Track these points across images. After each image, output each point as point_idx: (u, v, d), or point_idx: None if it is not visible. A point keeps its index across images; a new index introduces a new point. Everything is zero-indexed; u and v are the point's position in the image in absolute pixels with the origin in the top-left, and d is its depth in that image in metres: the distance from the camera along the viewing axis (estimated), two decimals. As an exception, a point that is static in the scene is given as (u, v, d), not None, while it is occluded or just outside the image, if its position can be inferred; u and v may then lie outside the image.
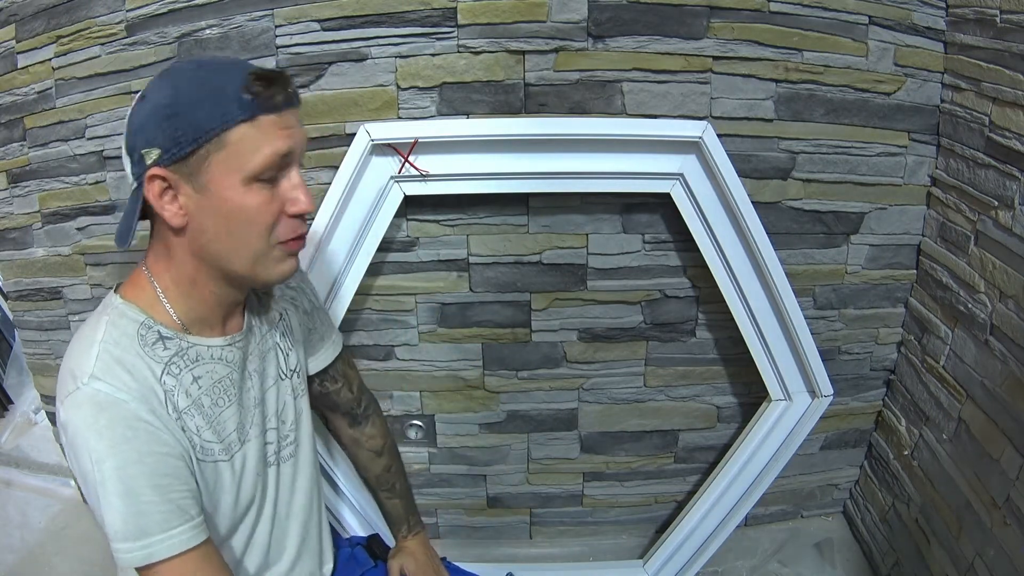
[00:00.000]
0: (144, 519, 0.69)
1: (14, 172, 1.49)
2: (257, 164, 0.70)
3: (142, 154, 0.70)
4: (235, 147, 0.69)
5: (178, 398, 0.75)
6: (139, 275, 0.79)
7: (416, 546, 1.17)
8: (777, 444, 1.50)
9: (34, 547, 1.76)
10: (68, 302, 1.59)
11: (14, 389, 2.38)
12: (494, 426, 1.65)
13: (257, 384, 0.86)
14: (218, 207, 0.71)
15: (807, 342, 1.41)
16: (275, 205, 0.73)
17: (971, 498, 1.30)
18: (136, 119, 0.71)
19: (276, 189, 0.73)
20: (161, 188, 0.71)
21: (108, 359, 0.71)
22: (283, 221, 0.75)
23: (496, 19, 1.27)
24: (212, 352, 0.80)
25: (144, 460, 0.69)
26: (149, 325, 0.75)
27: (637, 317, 1.53)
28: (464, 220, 1.43)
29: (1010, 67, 1.16)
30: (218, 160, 0.69)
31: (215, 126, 0.68)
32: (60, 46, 1.35)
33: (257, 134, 0.70)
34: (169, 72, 0.72)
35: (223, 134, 0.69)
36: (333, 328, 1.08)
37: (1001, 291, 1.21)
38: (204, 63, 0.73)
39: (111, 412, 0.69)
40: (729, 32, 1.29)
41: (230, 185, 0.70)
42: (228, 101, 0.68)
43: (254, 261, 0.75)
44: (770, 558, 1.71)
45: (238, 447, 0.82)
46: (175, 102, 0.69)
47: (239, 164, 0.70)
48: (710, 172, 1.32)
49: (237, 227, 0.72)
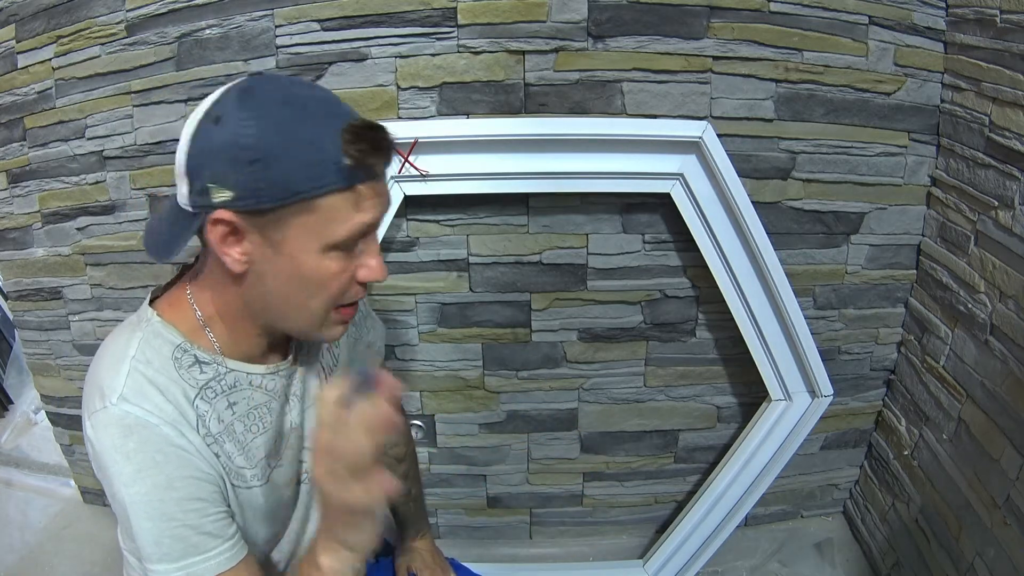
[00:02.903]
0: (180, 543, 0.67)
1: (14, 172, 1.49)
2: (343, 234, 0.64)
3: (208, 187, 0.62)
4: (323, 215, 0.62)
5: (210, 423, 0.71)
6: (180, 296, 0.74)
7: (423, 547, 1.17)
8: (777, 444, 1.50)
9: (34, 547, 1.76)
10: (68, 302, 1.59)
11: (14, 389, 2.38)
12: (494, 426, 1.65)
13: (297, 408, 0.82)
14: (289, 269, 0.65)
15: (807, 342, 1.41)
16: (349, 274, 0.68)
17: (971, 498, 1.30)
18: (204, 144, 0.63)
19: (351, 255, 0.68)
20: (225, 232, 0.64)
21: (139, 379, 0.67)
22: (351, 287, 0.69)
23: (496, 19, 1.27)
24: (252, 380, 0.75)
25: (174, 485, 0.67)
26: (185, 348, 0.71)
27: (637, 317, 1.53)
28: (464, 220, 1.43)
29: (1010, 67, 1.16)
30: (300, 223, 0.63)
31: (305, 190, 0.61)
32: (60, 46, 1.35)
33: (349, 204, 0.63)
34: (254, 98, 0.63)
35: (313, 200, 0.62)
36: (380, 335, 1.04)
37: (1001, 291, 1.21)
38: (292, 98, 0.63)
39: (140, 435, 0.66)
40: (729, 32, 1.29)
41: (308, 249, 0.64)
42: (325, 164, 0.61)
43: (309, 325, 0.70)
44: (770, 558, 1.71)
45: (269, 471, 0.79)
46: (260, 147, 0.60)
47: (324, 232, 0.63)
48: (710, 172, 1.32)
49: (303, 291, 0.67)
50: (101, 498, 1.86)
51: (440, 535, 1.79)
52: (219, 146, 0.62)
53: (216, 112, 0.63)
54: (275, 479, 0.79)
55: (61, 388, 1.72)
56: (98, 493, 1.86)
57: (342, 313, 0.71)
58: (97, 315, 1.59)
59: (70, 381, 1.70)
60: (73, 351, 1.65)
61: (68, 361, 1.67)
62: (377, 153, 0.63)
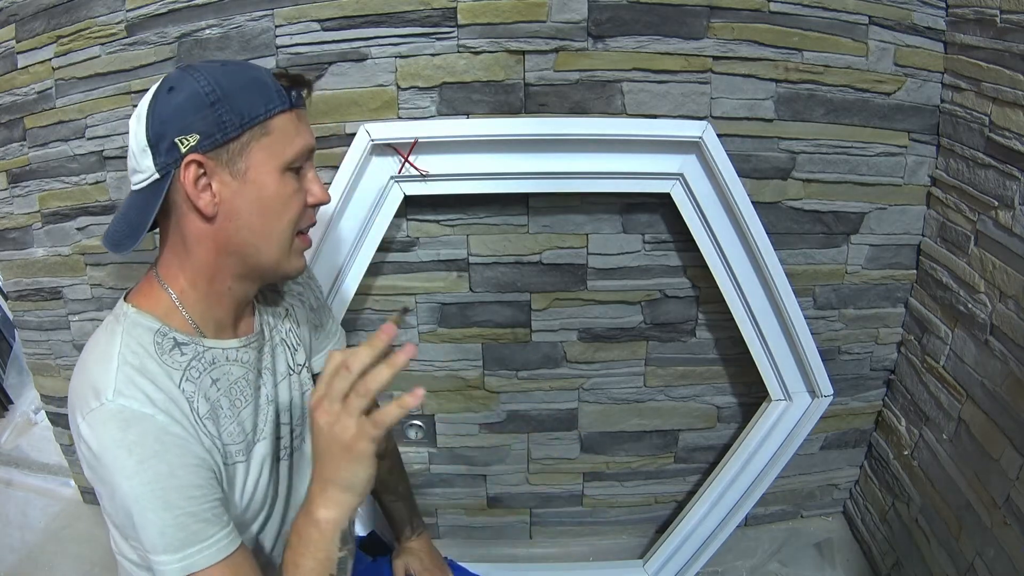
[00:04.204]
0: (182, 532, 0.69)
1: (14, 172, 1.49)
2: (292, 153, 0.75)
3: (175, 142, 0.71)
4: (277, 135, 0.74)
5: (198, 404, 0.75)
6: (150, 283, 0.79)
7: (420, 546, 1.17)
8: (777, 444, 1.50)
9: (34, 547, 1.76)
10: (68, 302, 1.59)
11: (14, 389, 2.38)
12: (494, 426, 1.65)
13: (270, 381, 0.87)
14: (255, 193, 0.74)
15: (807, 342, 1.41)
16: (301, 195, 0.78)
17: (971, 498, 1.30)
18: (164, 109, 0.71)
19: (300, 179, 0.78)
20: (197, 174, 0.72)
21: (129, 371, 0.71)
22: (305, 212, 0.79)
23: (496, 19, 1.27)
24: (228, 354, 0.80)
25: (176, 473, 0.69)
26: (164, 332, 0.75)
27: (637, 317, 1.53)
28: (464, 220, 1.43)
29: (1010, 67, 1.16)
30: (260, 147, 0.73)
31: (260, 113, 0.72)
32: (60, 46, 1.35)
33: (292, 125, 0.75)
34: (195, 68, 0.73)
35: (267, 121, 0.73)
36: (338, 326, 1.09)
37: (1001, 291, 1.21)
38: (226, 62, 0.77)
39: (139, 427, 0.69)
40: (729, 32, 1.29)
41: (269, 170, 0.74)
42: (271, 91, 0.73)
43: (279, 249, 0.78)
44: (770, 558, 1.71)
45: (253, 445, 0.82)
46: (217, 90, 0.71)
47: (280, 151, 0.74)
48: (710, 172, 1.32)
49: (270, 213, 0.75)
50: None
51: (440, 535, 1.79)
52: (180, 103, 0.71)
53: (166, 86, 0.73)
54: (256, 454, 0.82)
55: (61, 388, 1.72)
56: (98, 493, 1.86)
57: (302, 240, 0.81)
58: (97, 315, 1.59)
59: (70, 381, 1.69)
60: (73, 351, 1.65)
61: (68, 361, 1.67)
62: (302, 83, 0.77)
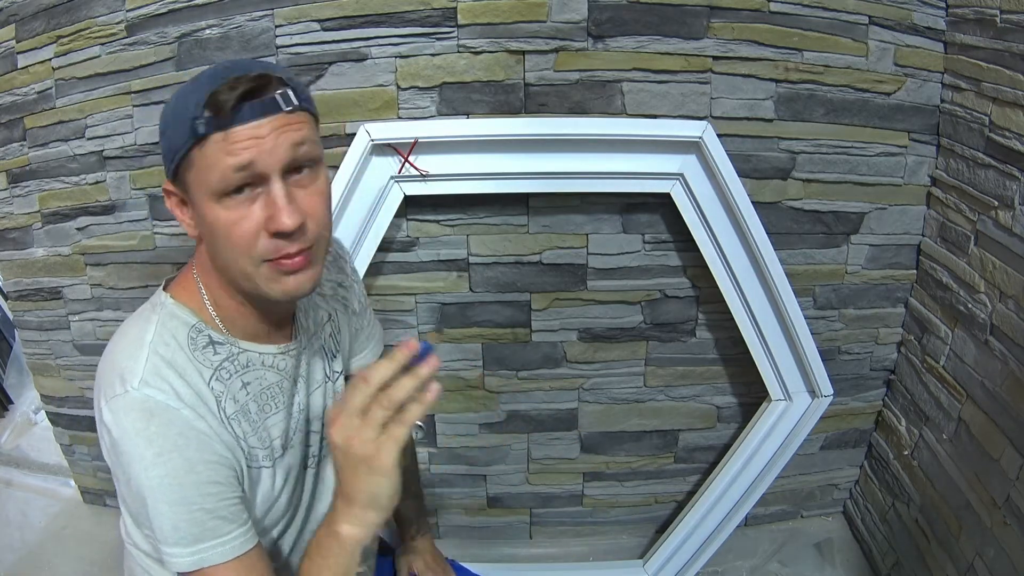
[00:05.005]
0: (196, 527, 0.68)
1: (14, 172, 1.49)
2: (217, 178, 0.66)
3: None
4: (200, 164, 0.66)
5: (226, 404, 0.74)
6: (188, 276, 0.77)
7: (424, 546, 1.17)
8: (777, 444, 1.50)
9: (34, 547, 1.76)
10: (68, 302, 1.59)
11: (14, 389, 2.38)
12: (494, 426, 1.65)
13: (304, 390, 0.85)
14: (204, 225, 0.70)
15: (807, 342, 1.41)
16: (250, 223, 0.67)
17: (971, 498, 1.30)
18: None
19: (255, 206, 0.68)
20: (174, 201, 0.72)
21: (158, 362, 0.70)
22: (263, 239, 0.68)
23: (496, 19, 1.27)
24: (264, 359, 0.79)
25: (195, 469, 0.69)
26: (200, 328, 0.74)
27: (637, 317, 1.53)
28: (464, 220, 1.43)
29: (1010, 67, 1.16)
30: (191, 179, 0.68)
31: (179, 146, 0.67)
32: (60, 46, 1.35)
33: (219, 151, 0.65)
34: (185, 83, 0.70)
35: (188, 154, 0.66)
36: (379, 327, 1.07)
37: (1001, 291, 1.21)
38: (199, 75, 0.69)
39: (162, 419, 0.68)
40: (729, 32, 1.29)
41: (203, 202, 0.68)
42: (187, 120, 0.66)
43: (244, 278, 0.71)
44: (770, 558, 1.71)
45: (280, 453, 0.81)
46: (163, 118, 0.69)
47: (205, 181, 0.67)
48: (710, 172, 1.32)
49: (219, 243, 0.69)
50: (101, 498, 1.86)
51: (440, 535, 1.79)
52: None
53: None
54: (283, 461, 0.81)
55: (61, 388, 1.72)
56: (98, 493, 1.86)
57: (278, 265, 0.70)
58: (97, 315, 1.59)
59: (70, 381, 1.70)
60: (73, 351, 1.65)
61: (68, 361, 1.67)
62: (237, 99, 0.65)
